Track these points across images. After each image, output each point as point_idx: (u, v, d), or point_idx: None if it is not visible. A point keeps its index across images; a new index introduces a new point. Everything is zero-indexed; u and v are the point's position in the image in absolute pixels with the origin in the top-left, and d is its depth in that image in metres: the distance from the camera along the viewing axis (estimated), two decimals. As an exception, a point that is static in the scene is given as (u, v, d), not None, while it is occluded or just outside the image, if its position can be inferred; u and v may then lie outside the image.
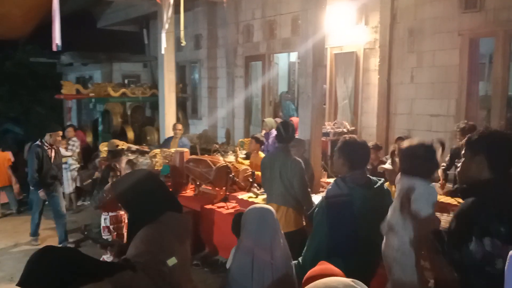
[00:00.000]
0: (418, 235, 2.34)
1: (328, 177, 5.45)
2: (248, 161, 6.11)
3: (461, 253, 1.95)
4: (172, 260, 1.85)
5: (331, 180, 4.45)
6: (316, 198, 3.64)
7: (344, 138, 2.74)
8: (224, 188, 5.02)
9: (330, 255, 2.33)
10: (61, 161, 6.51)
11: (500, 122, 5.42)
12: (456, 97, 5.81)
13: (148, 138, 9.68)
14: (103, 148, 7.88)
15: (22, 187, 8.13)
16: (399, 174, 2.57)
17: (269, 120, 7.35)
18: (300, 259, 2.66)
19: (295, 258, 2.45)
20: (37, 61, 13.76)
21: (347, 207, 2.54)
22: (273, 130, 6.44)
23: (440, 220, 2.68)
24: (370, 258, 2.62)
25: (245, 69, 9.15)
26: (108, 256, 3.95)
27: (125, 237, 4.13)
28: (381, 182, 2.70)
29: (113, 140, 7.58)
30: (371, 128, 6.82)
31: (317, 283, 1.28)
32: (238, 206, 4.76)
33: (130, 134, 9.41)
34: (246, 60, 9.12)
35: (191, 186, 5.62)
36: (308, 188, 3.83)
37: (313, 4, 4.78)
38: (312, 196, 3.96)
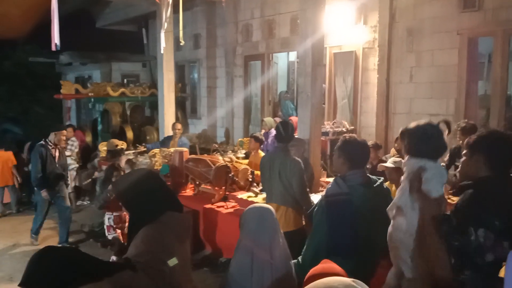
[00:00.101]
0: (424, 216, 2.32)
1: (328, 176, 5.45)
2: (247, 160, 6.11)
3: (458, 242, 2.01)
4: (172, 260, 1.85)
5: (330, 179, 4.44)
6: (316, 198, 3.64)
7: (344, 137, 2.74)
8: (223, 187, 5.02)
9: (329, 254, 2.32)
10: (66, 161, 6.39)
11: (499, 121, 5.43)
12: (455, 96, 5.82)
13: (148, 137, 9.67)
14: (103, 147, 7.88)
15: (21, 187, 8.14)
16: (406, 157, 2.56)
17: (268, 120, 7.36)
18: (300, 258, 2.67)
19: (294, 258, 2.45)
20: (36, 61, 13.77)
21: (347, 206, 2.54)
22: (272, 129, 6.44)
23: (448, 202, 2.66)
24: (369, 257, 2.62)
25: (244, 68, 9.15)
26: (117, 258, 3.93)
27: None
28: (380, 181, 2.70)
29: (112, 140, 7.57)
30: (370, 128, 6.83)
31: (317, 283, 1.28)
32: (238, 206, 4.76)
33: (130, 134, 9.39)
34: (245, 60, 9.12)
35: (191, 186, 5.62)
36: (307, 188, 3.83)
37: (312, 3, 4.78)
38: (311, 195, 3.96)
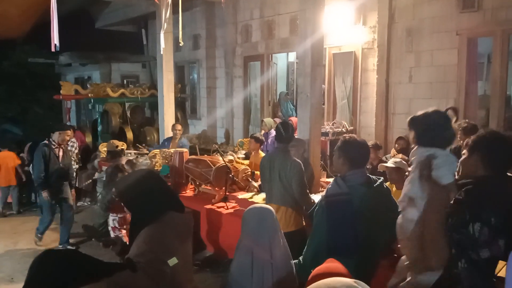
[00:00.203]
0: (431, 203, 2.32)
1: (328, 176, 5.45)
2: (247, 161, 6.11)
3: (459, 234, 2.06)
4: (173, 260, 1.85)
5: (330, 179, 4.44)
6: (316, 198, 3.65)
7: (344, 137, 2.74)
8: (223, 188, 5.02)
9: (330, 254, 2.33)
10: (70, 160, 6.27)
11: (499, 121, 5.44)
12: (455, 96, 5.82)
13: (148, 138, 9.67)
14: (103, 148, 7.88)
15: (21, 187, 8.14)
16: (415, 147, 2.56)
17: (268, 120, 7.37)
18: (301, 258, 2.67)
19: (295, 258, 2.46)
20: (35, 61, 13.76)
21: (347, 206, 2.54)
22: (272, 130, 6.45)
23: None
24: (370, 257, 2.62)
25: (244, 69, 9.15)
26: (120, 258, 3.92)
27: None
28: (380, 181, 2.70)
29: (112, 141, 7.58)
30: (369, 128, 6.83)
31: (319, 283, 1.28)
32: (238, 206, 4.77)
33: (129, 135, 9.38)
34: (244, 60, 9.12)
35: (191, 186, 5.62)
36: (307, 189, 3.82)
37: (312, 4, 4.78)
38: (312, 196, 3.96)
